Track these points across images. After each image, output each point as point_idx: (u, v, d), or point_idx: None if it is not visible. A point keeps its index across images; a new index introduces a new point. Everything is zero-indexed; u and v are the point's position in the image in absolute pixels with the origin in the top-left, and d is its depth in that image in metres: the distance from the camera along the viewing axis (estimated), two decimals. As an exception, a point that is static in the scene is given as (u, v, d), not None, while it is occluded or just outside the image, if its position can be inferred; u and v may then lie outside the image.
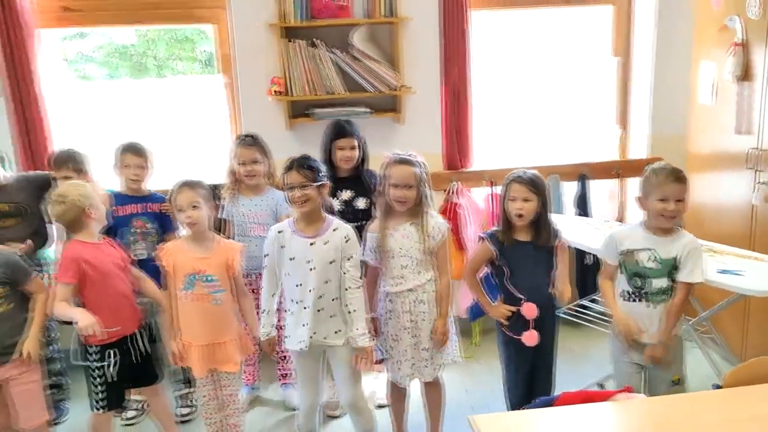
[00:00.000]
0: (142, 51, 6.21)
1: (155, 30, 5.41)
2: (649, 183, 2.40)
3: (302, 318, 2.50)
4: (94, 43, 5.19)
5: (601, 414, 1.87)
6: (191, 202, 2.51)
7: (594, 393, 1.96)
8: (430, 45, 3.59)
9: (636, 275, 2.45)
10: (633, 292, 2.47)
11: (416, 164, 2.55)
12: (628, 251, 2.46)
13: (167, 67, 6.41)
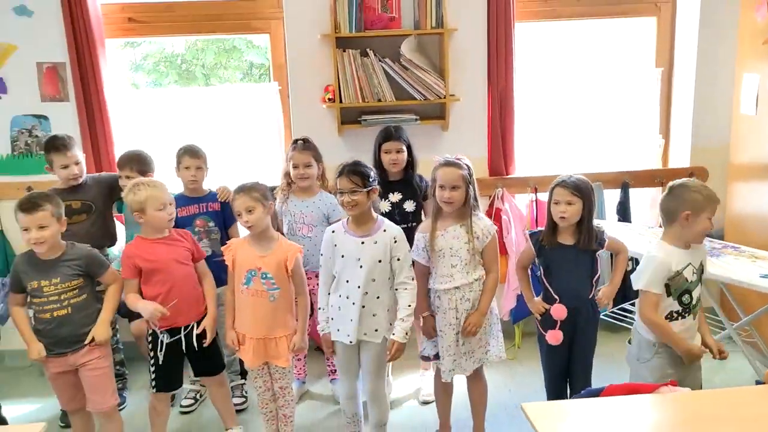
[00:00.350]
0: (190, 60, 6.47)
1: (204, 40, 5.65)
2: (699, 202, 2.37)
3: (349, 313, 2.63)
4: (143, 52, 5.44)
5: (646, 405, 1.96)
6: (247, 207, 2.65)
7: (639, 385, 2.05)
8: (476, 55, 3.71)
9: (684, 292, 2.44)
10: (682, 310, 2.46)
11: (462, 166, 2.67)
12: (677, 273, 2.42)
13: (214, 75, 6.66)
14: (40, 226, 2.53)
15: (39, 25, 3.55)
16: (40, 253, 2.59)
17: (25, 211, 2.53)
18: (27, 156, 3.71)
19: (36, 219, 2.52)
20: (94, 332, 2.65)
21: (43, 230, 2.54)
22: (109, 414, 2.76)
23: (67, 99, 3.65)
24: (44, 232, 2.54)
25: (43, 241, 2.55)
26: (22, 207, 2.54)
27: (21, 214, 2.54)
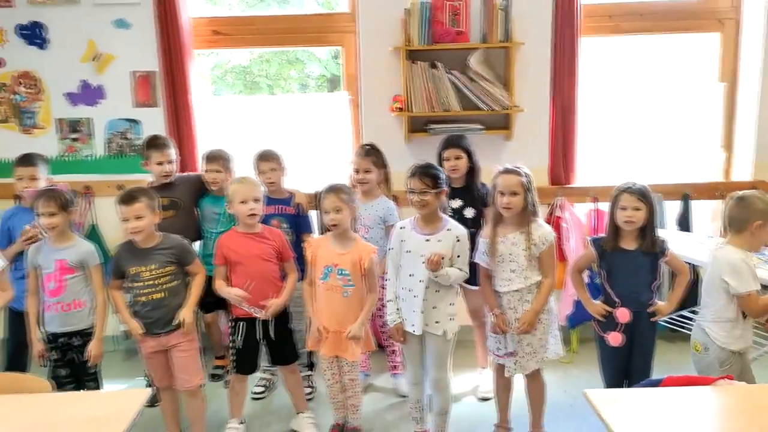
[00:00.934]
0: (255, 71, 6.79)
1: (269, 52, 5.95)
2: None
3: (414, 305, 2.81)
4: (211, 63, 5.76)
5: (704, 396, 2.07)
6: (335, 207, 2.86)
7: (697, 378, 2.15)
8: (541, 68, 3.85)
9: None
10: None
11: (520, 173, 2.80)
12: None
13: (278, 86, 6.97)
14: (137, 217, 2.80)
15: (135, 36, 3.87)
16: (138, 241, 2.86)
17: (124, 203, 2.81)
18: (119, 156, 4.03)
19: (133, 210, 2.79)
20: (181, 315, 2.89)
21: (139, 221, 2.81)
22: (194, 392, 3.01)
23: (156, 105, 3.96)
24: (140, 222, 2.81)
25: (139, 230, 2.81)
26: (122, 199, 2.82)
27: (121, 205, 2.81)
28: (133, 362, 4.00)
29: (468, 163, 3.31)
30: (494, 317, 2.87)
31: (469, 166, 3.31)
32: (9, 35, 3.88)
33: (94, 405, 2.20)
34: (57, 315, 2.88)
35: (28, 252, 2.94)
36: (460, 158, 3.28)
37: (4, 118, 3.98)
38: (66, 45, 3.89)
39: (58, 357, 2.93)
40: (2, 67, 3.92)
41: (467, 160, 3.30)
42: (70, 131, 4.00)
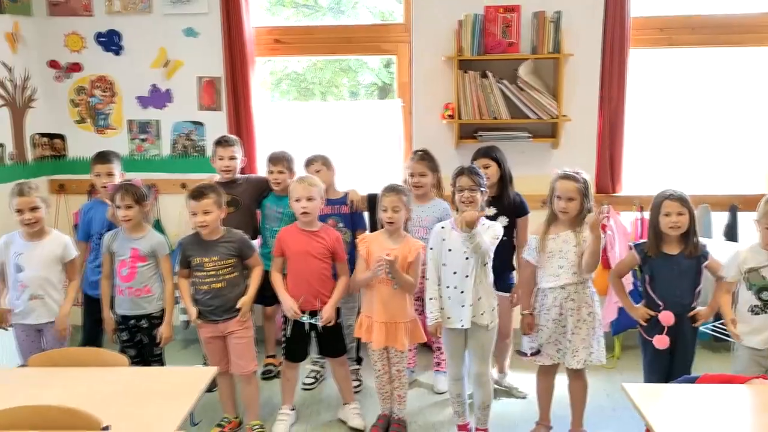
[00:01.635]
0: (309, 77, 7.04)
1: (323, 60, 6.17)
2: None
3: (461, 300, 2.93)
4: (268, 70, 6.02)
5: (741, 393, 2.14)
6: (394, 206, 3.03)
7: (733, 376, 2.23)
8: (590, 78, 3.95)
9: (763, 289, 2.76)
10: (762, 305, 2.77)
11: (579, 180, 2.92)
12: (751, 269, 2.77)
13: (330, 93, 7.21)
14: (205, 212, 3.01)
15: (202, 44, 4.13)
16: (204, 234, 3.07)
17: (194, 198, 3.02)
18: (183, 156, 4.29)
19: (202, 205, 3.01)
20: (240, 302, 3.09)
21: (206, 215, 3.02)
22: (248, 377, 3.20)
23: (220, 108, 4.20)
24: (207, 216, 3.02)
25: (206, 224, 3.03)
26: (192, 195, 3.03)
27: (191, 200, 3.03)
28: (190, 350, 4.24)
29: (498, 172, 3.41)
30: (523, 317, 3.01)
31: (501, 175, 3.41)
32: (88, 42, 4.18)
33: (166, 379, 2.41)
34: (128, 299, 3.12)
35: (105, 239, 3.19)
36: (488, 167, 3.38)
37: (81, 119, 4.28)
38: (139, 51, 4.18)
39: (128, 338, 3.17)
40: (81, 72, 4.23)
41: (497, 169, 3.40)
42: (140, 132, 4.28)
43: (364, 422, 3.31)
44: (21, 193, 3.02)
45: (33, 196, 3.03)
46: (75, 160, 4.33)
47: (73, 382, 2.28)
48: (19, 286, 3.08)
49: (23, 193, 3.02)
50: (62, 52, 4.20)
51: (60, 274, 3.18)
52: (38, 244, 3.09)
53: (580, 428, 3.15)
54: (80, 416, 1.94)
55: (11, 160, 3.97)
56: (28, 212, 3.02)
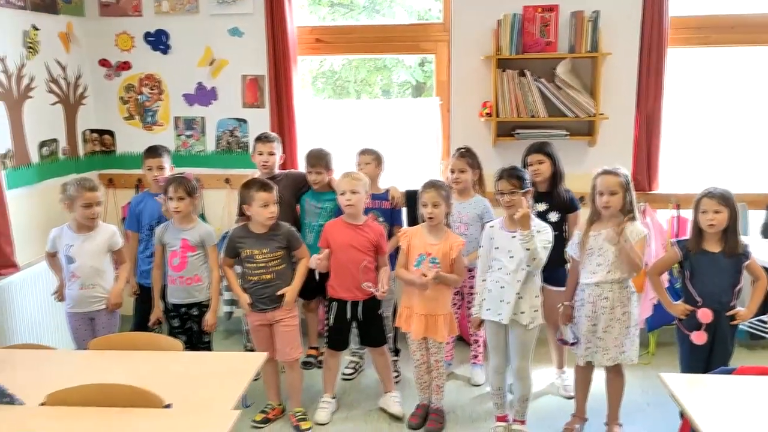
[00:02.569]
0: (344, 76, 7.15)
1: (358, 59, 6.27)
2: None
3: (503, 295, 3.00)
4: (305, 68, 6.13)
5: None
6: (434, 202, 3.11)
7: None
8: (628, 77, 3.98)
9: None
10: None
11: (620, 174, 2.96)
12: None
13: (365, 91, 7.31)
14: (274, 202, 3.14)
15: (247, 43, 4.25)
16: (267, 227, 3.18)
17: (264, 190, 3.14)
18: (227, 152, 4.42)
19: (273, 197, 3.14)
20: (286, 292, 3.21)
21: (275, 206, 3.15)
22: (292, 364, 3.33)
23: (263, 106, 4.32)
24: (275, 208, 3.15)
25: (275, 215, 3.16)
26: (261, 187, 3.14)
27: (260, 192, 3.13)
28: (231, 341, 4.37)
29: (551, 168, 3.46)
30: (561, 307, 3.10)
31: (553, 171, 3.47)
32: (137, 41, 4.34)
33: (219, 363, 2.53)
34: (180, 288, 3.26)
35: (157, 231, 3.33)
36: (542, 163, 3.44)
37: (129, 116, 4.45)
38: (186, 51, 4.32)
39: (178, 325, 3.31)
40: (130, 70, 4.39)
41: (550, 165, 3.46)
42: (185, 128, 4.43)
43: (403, 410, 3.40)
44: (92, 188, 3.16)
45: (99, 192, 3.20)
46: (123, 155, 4.49)
47: (132, 364, 2.41)
48: (70, 276, 3.23)
49: (94, 189, 3.17)
50: (112, 51, 4.36)
51: (109, 264, 3.32)
52: (88, 235, 3.23)
53: (616, 422, 3.20)
54: (144, 395, 2.07)
55: (64, 155, 4.14)
56: (95, 206, 3.17)
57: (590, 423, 3.27)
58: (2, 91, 3.57)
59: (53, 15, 4.00)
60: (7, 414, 2.03)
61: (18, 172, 3.68)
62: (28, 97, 3.78)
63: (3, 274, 3.40)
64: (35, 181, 3.84)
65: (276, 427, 3.35)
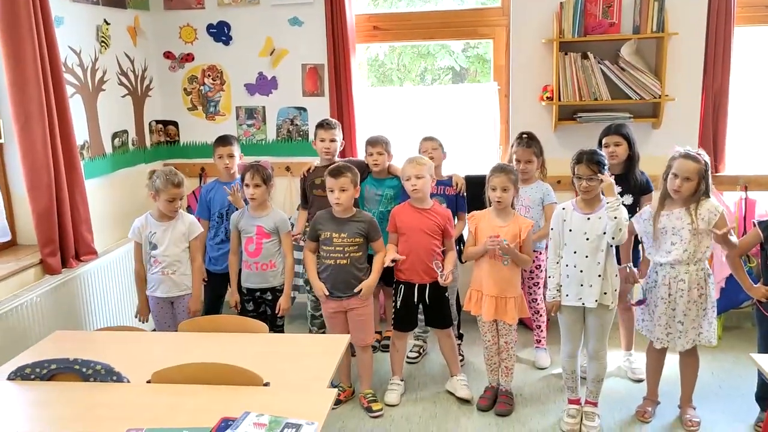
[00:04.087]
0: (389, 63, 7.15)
1: (403, 46, 6.27)
2: None
3: (580, 279, 3.01)
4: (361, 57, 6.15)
5: None
6: (503, 186, 3.14)
7: None
8: (694, 57, 3.92)
9: None
10: None
11: (699, 161, 2.92)
12: None
13: (407, 78, 7.30)
14: (341, 189, 3.18)
15: (306, 33, 4.31)
16: (337, 211, 3.24)
17: (333, 176, 3.20)
18: (288, 141, 4.50)
19: (339, 183, 3.18)
20: (363, 285, 3.27)
21: (342, 192, 3.19)
22: (365, 348, 3.39)
23: (323, 94, 4.38)
24: (344, 194, 3.19)
25: (341, 201, 3.20)
26: (331, 173, 3.20)
27: (330, 178, 3.19)
28: (296, 325, 4.45)
29: (628, 150, 3.44)
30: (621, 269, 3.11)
31: (629, 153, 3.44)
32: (200, 33, 4.43)
33: (305, 344, 2.61)
34: (255, 273, 3.35)
35: (232, 218, 3.43)
36: (619, 145, 3.42)
37: (192, 106, 4.55)
38: (247, 41, 4.40)
39: (253, 309, 3.40)
40: (193, 62, 4.49)
41: (627, 148, 3.43)
42: (247, 118, 4.51)
43: (471, 393, 3.44)
44: (179, 184, 3.25)
45: (184, 187, 3.29)
46: (187, 145, 4.61)
47: (222, 345, 2.50)
48: (153, 261, 3.34)
49: (180, 185, 3.26)
50: (176, 43, 4.47)
51: (187, 251, 3.42)
52: (170, 224, 3.33)
53: (689, 404, 3.20)
54: (243, 373, 2.15)
55: (134, 145, 4.26)
56: (178, 201, 3.27)
57: (662, 406, 3.28)
58: (79, 85, 3.69)
59: (122, 9, 4.11)
60: (116, 391, 2.13)
61: (94, 162, 3.82)
62: (102, 90, 3.91)
63: (84, 261, 3.53)
64: (109, 171, 3.98)
65: (347, 409, 3.42)
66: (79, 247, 3.51)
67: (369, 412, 3.35)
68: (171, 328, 3.31)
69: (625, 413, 3.28)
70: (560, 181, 3.95)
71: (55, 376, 2.19)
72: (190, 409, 1.99)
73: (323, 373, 2.27)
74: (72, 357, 2.20)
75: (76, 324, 3.43)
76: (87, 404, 2.04)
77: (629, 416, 3.26)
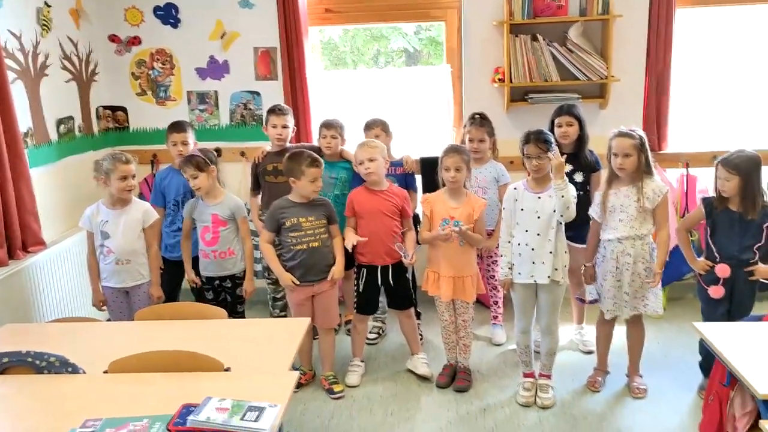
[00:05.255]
0: (343, 45, 7.12)
1: (355, 28, 6.25)
2: None
3: (532, 257, 3.09)
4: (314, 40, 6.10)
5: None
6: (456, 166, 3.19)
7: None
8: (638, 39, 4.04)
9: None
10: None
11: (634, 136, 3.04)
12: None
13: (362, 61, 7.29)
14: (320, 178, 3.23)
15: (257, 15, 4.25)
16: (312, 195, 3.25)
17: (316, 166, 3.20)
18: (242, 126, 4.45)
19: (319, 171, 3.22)
20: (334, 270, 3.29)
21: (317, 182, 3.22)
22: (329, 331, 3.43)
23: (276, 78, 4.34)
24: (321, 182, 3.23)
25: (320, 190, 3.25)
26: (313, 163, 3.20)
27: (311, 168, 3.19)
28: (255, 310, 4.40)
29: (578, 130, 3.52)
30: (584, 268, 3.20)
31: (579, 133, 3.53)
32: (146, 16, 4.33)
33: (265, 328, 2.62)
34: (213, 261, 3.33)
35: (186, 206, 3.39)
36: (571, 125, 3.50)
37: (142, 91, 4.45)
38: (196, 24, 4.31)
39: (212, 297, 3.38)
40: (140, 45, 4.38)
41: (578, 128, 3.52)
42: (199, 103, 4.44)
43: (431, 371, 3.51)
44: (127, 161, 3.19)
45: (133, 165, 3.22)
46: (137, 131, 4.51)
47: (181, 332, 2.50)
48: (105, 251, 3.27)
49: (129, 162, 3.19)
50: (122, 26, 4.35)
51: (141, 239, 3.36)
52: (122, 211, 3.26)
53: (636, 373, 3.34)
54: (203, 359, 2.15)
55: (80, 132, 4.15)
56: (131, 179, 3.20)
57: (611, 375, 3.41)
58: (20, 70, 3.56)
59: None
60: (72, 383, 2.11)
61: (39, 150, 3.70)
62: (45, 75, 3.78)
63: (32, 252, 3.44)
64: (56, 159, 3.86)
65: (308, 392, 3.45)
66: (27, 238, 3.42)
67: (330, 393, 3.38)
68: (127, 319, 3.27)
69: (577, 384, 3.41)
70: (513, 162, 4.01)
71: (7, 369, 2.15)
72: (150, 397, 1.98)
73: (284, 357, 2.28)
74: (24, 350, 2.16)
75: (27, 317, 3.35)
76: (42, 396, 2.02)
77: (581, 386, 3.38)
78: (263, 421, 1.75)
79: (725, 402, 2.33)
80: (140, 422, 1.80)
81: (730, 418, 2.31)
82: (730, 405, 2.31)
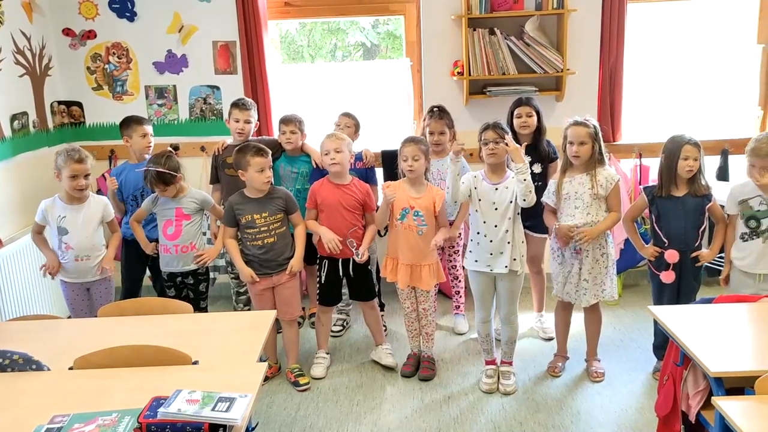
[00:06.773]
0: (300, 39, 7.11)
1: (313, 22, 6.26)
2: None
3: (489, 248, 3.16)
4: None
5: (753, 310, 2.43)
6: (414, 156, 3.23)
7: (744, 297, 2.51)
8: (591, 33, 4.15)
9: (750, 218, 3.03)
10: (749, 232, 3.04)
11: (588, 125, 3.16)
12: (742, 201, 3.05)
13: (320, 55, 7.29)
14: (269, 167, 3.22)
15: (216, 8, 4.22)
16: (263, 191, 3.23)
17: (262, 156, 3.18)
18: (201, 120, 4.41)
19: (269, 161, 3.22)
20: (293, 263, 3.30)
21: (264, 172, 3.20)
22: (292, 322, 3.44)
23: (235, 72, 4.32)
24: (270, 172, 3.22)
25: (270, 180, 3.23)
26: (258, 153, 3.17)
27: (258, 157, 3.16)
28: (219, 305, 4.42)
29: (537, 122, 3.61)
30: (557, 228, 3.22)
31: (537, 125, 3.61)
32: (101, 9, 4.25)
33: (231, 322, 2.60)
34: (175, 256, 3.30)
35: (145, 203, 3.36)
36: (531, 116, 3.57)
37: (98, 86, 4.37)
38: (153, 17, 4.25)
39: (175, 294, 3.36)
40: (95, 39, 4.29)
41: (536, 119, 3.60)
42: (157, 97, 4.38)
43: (395, 361, 3.56)
44: (80, 160, 3.13)
45: (88, 164, 3.16)
46: (93, 126, 4.43)
47: (146, 327, 2.47)
48: (64, 247, 3.22)
49: (82, 161, 3.13)
50: (76, 19, 4.26)
51: (102, 234, 3.33)
52: (80, 207, 3.22)
53: (594, 357, 3.45)
54: (170, 353, 2.15)
55: (35, 128, 4.05)
56: (83, 178, 3.15)
57: (571, 361, 3.52)
58: (-29, 64, 3.47)
59: (14, -17, 3.88)
60: (37, 380, 2.08)
61: (-7, 147, 3.61)
62: (-4, 70, 3.69)
63: (-12, 251, 3.36)
64: (10, 156, 3.77)
65: (274, 384, 3.46)
66: (-18, 237, 3.35)
67: (296, 386, 3.40)
68: (88, 315, 3.22)
69: (538, 369, 3.51)
70: (472, 154, 4.09)
71: (-32, 369, 2.11)
72: (118, 392, 1.97)
73: (251, 348, 2.29)
74: (-14, 349, 2.12)
75: (-16, 317, 3.28)
76: (8, 394, 1.98)
77: (542, 372, 3.48)
78: (234, 411, 1.76)
79: (679, 381, 2.43)
80: (109, 416, 1.79)
81: (684, 396, 2.41)
82: (683, 384, 2.42)
